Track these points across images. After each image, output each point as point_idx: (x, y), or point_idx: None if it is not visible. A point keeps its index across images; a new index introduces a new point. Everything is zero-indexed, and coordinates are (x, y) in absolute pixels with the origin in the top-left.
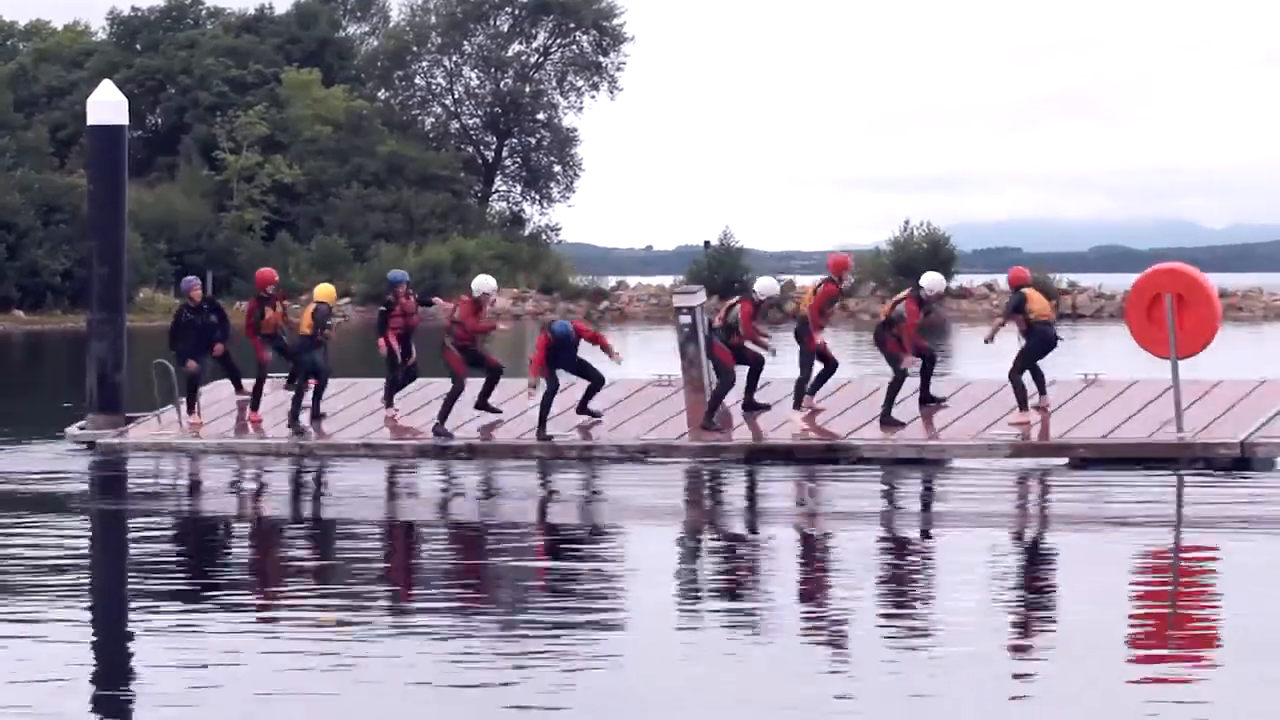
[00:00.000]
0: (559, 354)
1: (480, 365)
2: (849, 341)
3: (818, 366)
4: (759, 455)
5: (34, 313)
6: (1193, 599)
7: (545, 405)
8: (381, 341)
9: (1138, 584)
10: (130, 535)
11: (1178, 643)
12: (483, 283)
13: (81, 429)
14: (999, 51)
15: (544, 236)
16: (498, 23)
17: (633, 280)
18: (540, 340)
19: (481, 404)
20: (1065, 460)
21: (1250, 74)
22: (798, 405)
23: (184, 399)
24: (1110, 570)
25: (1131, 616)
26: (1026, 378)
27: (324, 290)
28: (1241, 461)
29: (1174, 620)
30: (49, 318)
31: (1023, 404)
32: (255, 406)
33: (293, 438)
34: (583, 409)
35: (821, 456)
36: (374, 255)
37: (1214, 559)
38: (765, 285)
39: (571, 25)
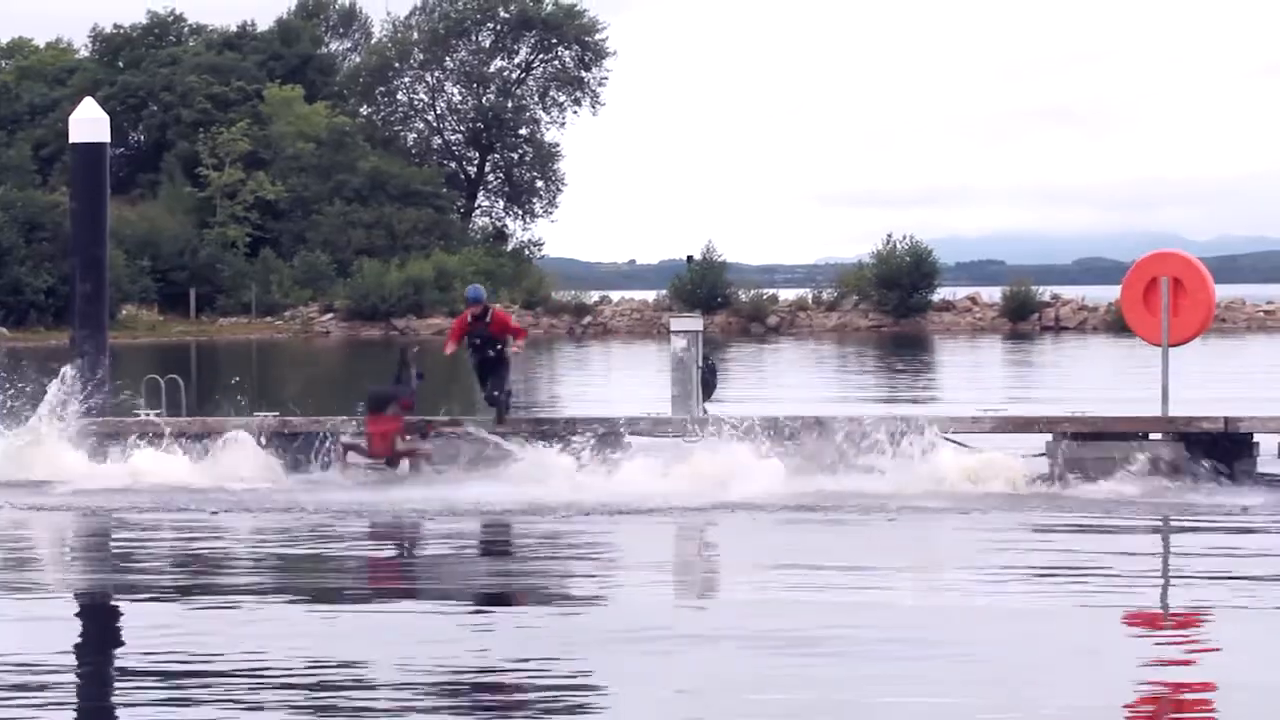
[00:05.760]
0: (473, 334)
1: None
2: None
3: None
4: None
5: (17, 330)
6: None
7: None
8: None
9: None
10: None
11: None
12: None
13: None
14: (981, 65)
15: (527, 251)
16: (480, 39)
17: (616, 295)
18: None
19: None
20: (1050, 436)
21: (1233, 87)
22: None
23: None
24: None
25: None
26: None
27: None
28: (1225, 438)
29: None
30: (32, 334)
31: None
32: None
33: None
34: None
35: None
36: (356, 271)
37: None
38: None
39: (554, 40)
